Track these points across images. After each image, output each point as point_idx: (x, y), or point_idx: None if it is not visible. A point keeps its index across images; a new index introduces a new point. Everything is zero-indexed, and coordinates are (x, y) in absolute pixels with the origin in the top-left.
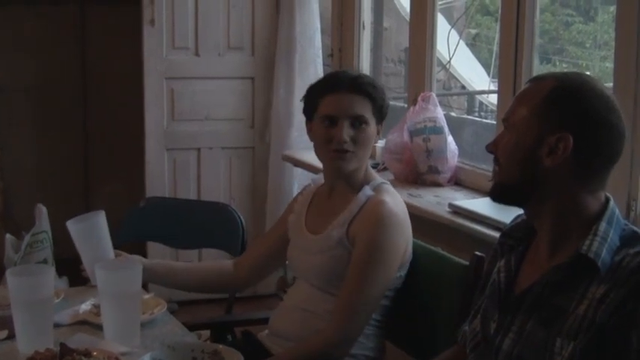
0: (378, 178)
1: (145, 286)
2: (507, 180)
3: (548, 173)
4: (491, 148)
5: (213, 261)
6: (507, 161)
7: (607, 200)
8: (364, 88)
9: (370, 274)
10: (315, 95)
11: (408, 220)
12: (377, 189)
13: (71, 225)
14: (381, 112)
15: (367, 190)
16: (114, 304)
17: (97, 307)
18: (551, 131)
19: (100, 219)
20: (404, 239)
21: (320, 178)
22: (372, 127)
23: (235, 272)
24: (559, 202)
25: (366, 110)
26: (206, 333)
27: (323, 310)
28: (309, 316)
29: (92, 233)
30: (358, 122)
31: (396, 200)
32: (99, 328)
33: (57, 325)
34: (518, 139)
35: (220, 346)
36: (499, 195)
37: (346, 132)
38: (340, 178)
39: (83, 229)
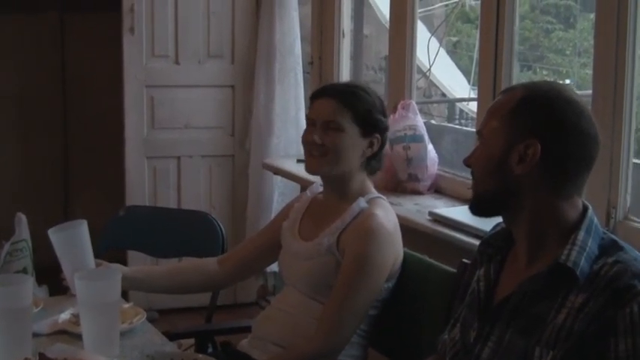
0: (374, 191)
1: (124, 296)
2: (482, 191)
3: (520, 181)
4: (468, 162)
5: (195, 260)
6: (481, 172)
7: (585, 209)
8: (344, 96)
9: (358, 286)
10: (310, 100)
11: (398, 235)
12: (371, 202)
13: (53, 234)
14: (366, 122)
15: (361, 202)
16: (93, 313)
17: (76, 316)
18: (520, 139)
19: (82, 228)
20: (392, 253)
21: (317, 186)
22: (350, 135)
23: (220, 269)
24: (534, 209)
25: (340, 116)
26: (186, 342)
27: (310, 317)
28: (295, 322)
29: (74, 242)
30: (331, 127)
31: (388, 215)
32: (78, 337)
33: (36, 335)
34: (489, 150)
35: (200, 355)
36: (477, 207)
37: (318, 134)
38: (332, 184)
39: (65, 238)
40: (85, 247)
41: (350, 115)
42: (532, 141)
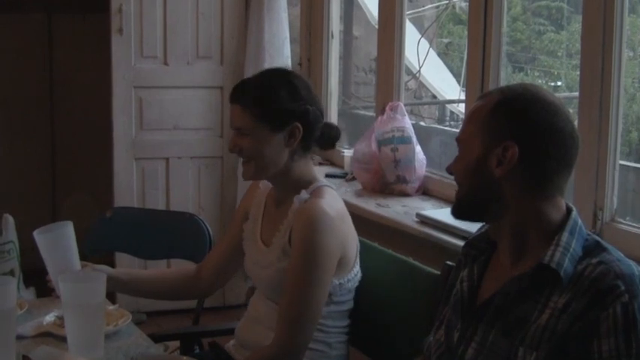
0: (318, 181)
1: (111, 298)
2: (465, 196)
3: (501, 183)
4: (451, 169)
5: (179, 267)
6: (462, 178)
7: (569, 211)
8: (244, 98)
9: (307, 278)
10: None
11: (343, 221)
12: (313, 192)
13: (38, 235)
14: (272, 118)
15: (303, 195)
16: (77, 315)
17: (60, 318)
18: (497, 142)
19: (68, 230)
20: (337, 239)
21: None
22: (261, 136)
23: (197, 277)
24: (517, 211)
25: (243, 120)
26: (173, 344)
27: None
28: (270, 328)
29: (59, 244)
30: (241, 133)
31: (330, 201)
32: (63, 339)
33: (20, 337)
34: (468, 156)
35: (185, 357)
36: (459, 212)
37: (232, 142)
38: (273, 183)
39: (50, 239)
40: (70, 249)
41: (249, 115)
42: (509, 143)
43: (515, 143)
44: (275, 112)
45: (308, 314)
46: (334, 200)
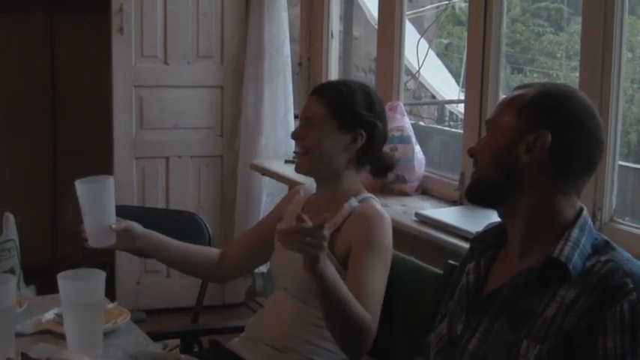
0: (366, 192)
1: (111, 296)
2: (485, 176)
3: (524, 170)
4: (474, 150)
5: (203, 248)
6: (486, 159)
7: (581, 209)
8: (322, 90)
9: (372, 272)
10: None
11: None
12: (363, 201)
13: (80, 185)
14: (343, 115)
15: (353, 202)
16: (76, 313)
17: (60, 316)
18: (531, 129)
19: (109, 183)
20: (391, 240)
21: (310, 187)
22: (327, 130)
23: (219, 263)
24: (533, 200)
25: (315, 110)
26: (172, 342)
27: (302, 321)
28: (289, 325)
29: (100, 195)
30: (309, 122)
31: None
32: (62, 337)
33: (19, 335)
34: (499, 139)
35: (183, 356)
36: (475, 192)
37: (297, 129)
38: (322, 184)
39: (92, 189)
40: (109, 201)
41: (325, 109)
42: (543, 132)
43: (549, 132)
44: (347, 111)
45: (377, 305)
46: (383, 210)
